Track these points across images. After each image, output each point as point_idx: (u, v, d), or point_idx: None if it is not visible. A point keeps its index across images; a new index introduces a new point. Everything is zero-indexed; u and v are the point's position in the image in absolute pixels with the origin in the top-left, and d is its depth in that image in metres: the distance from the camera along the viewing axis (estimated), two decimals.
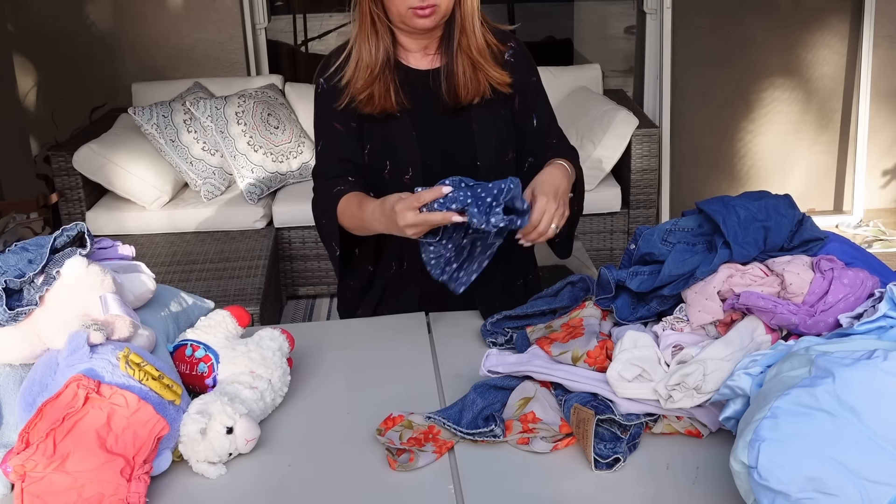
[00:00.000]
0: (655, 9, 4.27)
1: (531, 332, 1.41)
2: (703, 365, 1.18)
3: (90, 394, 1.08)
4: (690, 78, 4.31)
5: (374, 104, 1.63)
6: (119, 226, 3.67)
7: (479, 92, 1.64)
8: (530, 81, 1.73)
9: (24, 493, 1.05)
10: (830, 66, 4.35)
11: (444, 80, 1.65)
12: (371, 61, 1.62)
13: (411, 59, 1.68)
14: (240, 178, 3.72)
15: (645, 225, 1.45)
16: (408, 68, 1.67)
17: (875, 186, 4.51)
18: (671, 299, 1.32)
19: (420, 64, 1.68)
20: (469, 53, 1.63)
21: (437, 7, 1.56)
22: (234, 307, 1.37)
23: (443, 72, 1.65)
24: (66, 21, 4.21)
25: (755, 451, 0.95)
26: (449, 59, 1.65)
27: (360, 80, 1.62)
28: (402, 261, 1.73)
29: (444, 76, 1.65)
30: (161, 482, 1.16)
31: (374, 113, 1.64)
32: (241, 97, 3.80)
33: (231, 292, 3.08)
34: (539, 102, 1.75)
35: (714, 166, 4.49)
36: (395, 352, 1.51)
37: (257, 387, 1.27)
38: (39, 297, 1.18)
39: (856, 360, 0.98)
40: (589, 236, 3.83)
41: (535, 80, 1.75)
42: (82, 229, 1.27)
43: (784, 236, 1.31)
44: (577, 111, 3.87)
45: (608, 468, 1.14)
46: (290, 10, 5.27)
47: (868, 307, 1.17)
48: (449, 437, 1.22)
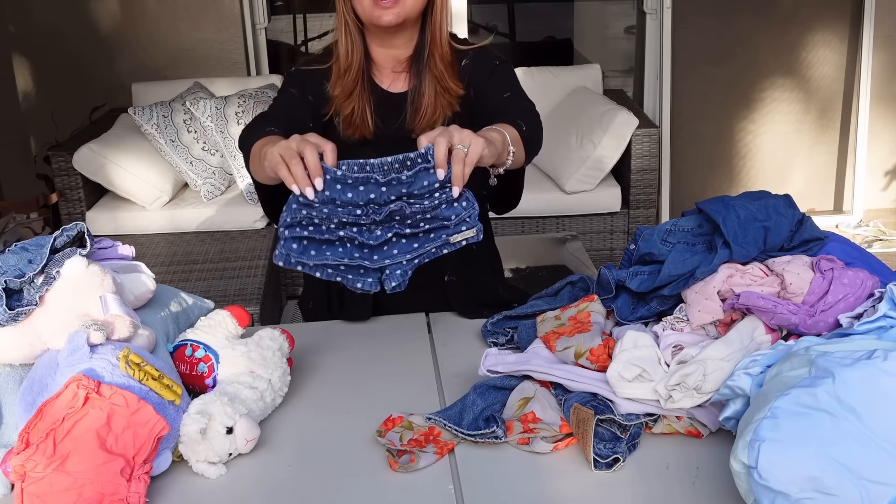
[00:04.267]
0: (655, 9, 4.27)
1: (541, 322, 1.40)
2: (703, 365, 1.18)
3: (90, 394, 1.08)
4: (690, 78, 4.31)
5: (354, 126, 1.64)
6: (119, 226, 3.66)
7: (442, 117, 1.65)
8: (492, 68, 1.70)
9: (24, 493, 1.05)
10: (830, 66, 4.35)
11: (411, 103, 1.66)
12: (347, 62, 1.64)
13: (385, 81, 1.70)
14: (240, 178, 3.72)
15: (645, 225, 1.44)
16: (381, 90, 1.69)
17: (875, 186, 4.51)
18: (671, 299, 1.32)
19: (393, 86, 1.70)
20: (436, 74, 1.64)
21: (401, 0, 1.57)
22: (234, 307, 1.37)
23: (410, 95, 1.67)
24: (66, 21, 4.21)
25: (755, 451, 0.95)
26: (418, 81, 1.66)
27: (337, 87, 1.64)
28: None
29: (410, 99, 1.67)
30: (161, 482, 1.16)
31: (353, 137, 1.65)
32: (241, 97, 3.80)
33: (231, 292, 3.08)
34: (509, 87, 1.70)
35: (714, 166, 4.49)
36: (395, 352, 1.51)
37: (257, 387, 1.27)
38: (39, 298, 1.18)
39: (856, 361, 0.98)
40: (589, 236, 3.83)
41: (497, 64, 1.71)
42: (82, 229, 1.27)
43: (784, 236, 1.31)
44: (577, 111, 3.87)
45: (608, 468, 1.14)
46: (290, 10, 5.27)
47: (868, 307, 1.17)
48: (450, 438, 1.22)
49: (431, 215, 1.30)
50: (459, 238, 1.32)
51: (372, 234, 1.31)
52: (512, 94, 1.67)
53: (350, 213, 1.29)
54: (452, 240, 1.32)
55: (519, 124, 1.51)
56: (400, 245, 1.32)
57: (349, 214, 1.29)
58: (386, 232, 1.31)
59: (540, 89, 4.00)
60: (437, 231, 1.32)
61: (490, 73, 1.69)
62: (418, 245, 1.32)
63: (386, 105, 1.68)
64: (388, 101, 1.69)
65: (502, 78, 1.70)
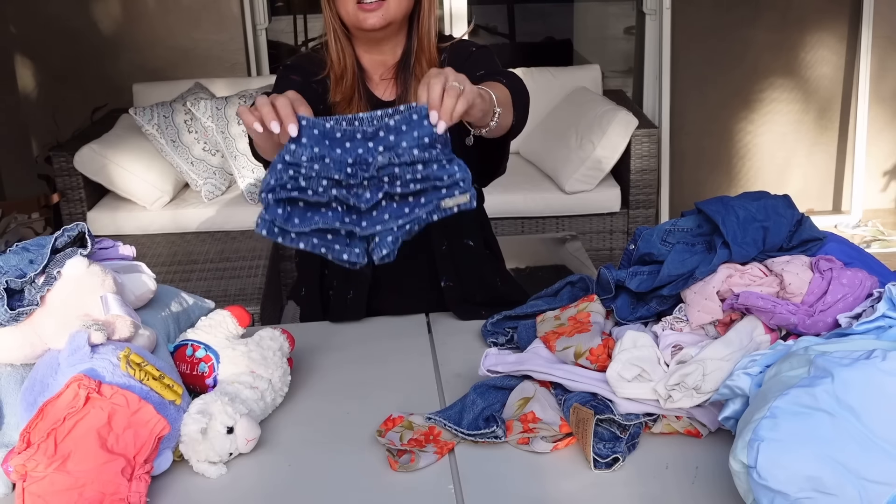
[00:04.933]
0: (655, 9, 4.27)
1: (541, 322, 1.40)
2: (703, 365, 1.19)
3: (91, 394, 1.09)
4: (690, 78, 4.31)
5: None
6: (120, 226, 3.67)
7: None
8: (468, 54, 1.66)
9: (25, 492, 1.05)
10: (829, 67, 4.35)
11: None
12: (340, 67, 1.62)
13: (377, 88, 1.68)
14: (240, 179, 3.73)
15: (644, 225, 1.44)
16: (377, 98, 1.67)
17: (873, 187, 4.51)
18: (671, 299, 1.32)
19: (386, 94, 1.68)
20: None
21: (385, 3, 1.54)
22: (234, 307, 1.37)
23: (398, 103, 1.64)
24: (66, 21, 4.21)
25: (754, 451, 0.95)
26: (404, 89, 1.64)
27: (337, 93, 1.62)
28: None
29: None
30: (162, 482, 1.16)
31: None
32: (241, 97, 3.80)
33: (231, 292, 3.09)
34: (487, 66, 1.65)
35: (713, 166, 4.49)
36: (395, 352, 1.52)
37: (258, 387, 1.27)
38: (40, 298, 1.18)
39: (854, 360, 0.98)
40: (588, 236, 3.83)
41: (474, 50, 1.68)
42: (83, 229, 1.27)
43: (783, 236, 1.31)
44: (576, 111, 3.87)
45: (607, 468, 1.15)
46: (290, 10, 5.26)
47: (867, 307, 1.17)
48: (450, 437, 1.22)
49: (422, 175, 1.23)
50: (452, 203, 1.25)
51: (361, 197, 1.25)
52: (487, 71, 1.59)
53: (341, 169, 1.23)
54: (444, 204, 1.25)
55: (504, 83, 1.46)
56: (391, 209, 1.26)
57: (340, 171, 1.23)
58: (376, 192, 1.24)
59: (540, 89, 3.99)
60: (428, 194, 1.25)
61: (466, 58, 1.64)
62: (409, 210, 1.26)
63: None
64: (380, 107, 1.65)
65: (479, 62, 1.65)
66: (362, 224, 1.26)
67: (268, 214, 1.25)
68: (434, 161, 1.23)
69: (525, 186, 3.76)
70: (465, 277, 1.70)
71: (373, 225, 1.26)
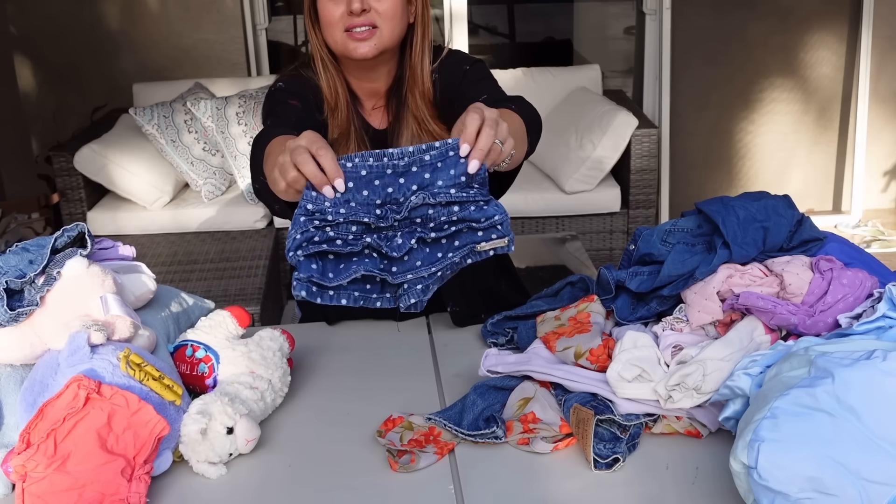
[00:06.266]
0: (655, 9, 4.27)
1: (541, 322, 1.40)
2: (703, 365, 1.18)
3: (91, 394, 1.09)
4: (690, 79, 4.32)
5: None
6: (120, 226, 3.67)
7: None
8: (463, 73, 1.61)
9: (24, 493, 1.05)
10: (829, 67, 4.35)
11: (392, 142, 1.62)
12: (333, 98, 1.58)
13: (371, 117, 1.65)
14: (240, 179, 3.73)
15: (644, 225, 1.44)
16: (372, 129, 1.64)
17: (874, 187, 4.52)
18: (671, 299, 1.32)
19: (380, 123, 1.65)
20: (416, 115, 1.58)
21: (377, 31, 1.50)
22: (234, 307, 1.37)
23: (389, 134, 1.63)
24: (67, 22, 4.21)
25: (755, 452, 0.95)
26: (395, 120, 1.61)
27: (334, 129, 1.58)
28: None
29: (389, 140, 1.62)
30: (161, 482, 1.16)
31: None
32: (241, 97, 3.80)
33: (231, 292, 3.09)
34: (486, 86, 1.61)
35: (713, 167, 4.49)
36: (394, 352, 1.52)
37: (258, 387, 1.27)
38: (40, 298, 1.18)
39: (855, 361, 0.98)
40: (588, 236, 3.83)
41: (468, 68, 1.62)
42: (83, 230, 1.27)
43: (783, 236, 1.31)
44: (576, 112, 3.87)
45: (608, 468, 1.14)
46: (290, 10, 5.27)
47: (867, 307, 1.17)
48: (450, 438, 1.22)
49: (458, 217, 1.16)
50: (488, 247, 1.18)
51: (392, 241, 1.18)
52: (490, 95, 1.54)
53: (369, 212, 1.15)
54: (480, 247, 1.18)
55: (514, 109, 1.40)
56: (423, 254, 1.19)
57: (369, 214, 1.15)
58: (408, 238, 1.17)
59: (540, 90, 4.00)
60: (462, 236, 1.18)
61: (462, 77, 1.60)
62: (441, 254, 1.19)
63: (376, 144, 1.61)
64: (378, 139, 1.62)
65: (477, 78, 1.61)
66: (392, 270, 1.20)
67: (302, 273, 1.17)
68: (471, 202, 1.17)
69: (525, 186, 3.77)
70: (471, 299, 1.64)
71: (403, 273, 1.20)
